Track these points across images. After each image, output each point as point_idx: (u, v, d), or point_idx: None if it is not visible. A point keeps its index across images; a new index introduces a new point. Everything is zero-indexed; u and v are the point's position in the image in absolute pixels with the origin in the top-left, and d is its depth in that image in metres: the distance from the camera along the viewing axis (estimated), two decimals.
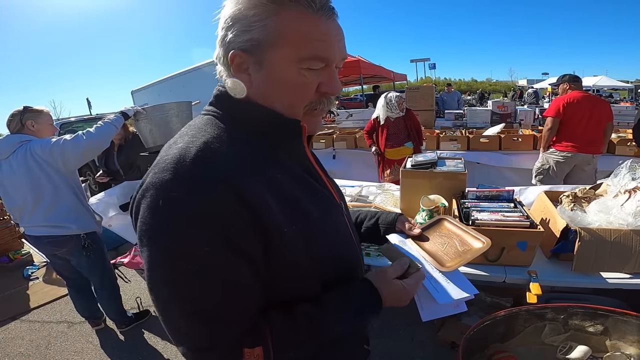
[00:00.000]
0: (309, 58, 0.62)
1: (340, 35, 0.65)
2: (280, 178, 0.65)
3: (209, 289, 0.58)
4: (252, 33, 0.60)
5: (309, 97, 0.67)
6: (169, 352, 2.42)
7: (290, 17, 0.59)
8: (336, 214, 0.78)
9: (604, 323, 1.18)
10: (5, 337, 2.81)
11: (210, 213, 0.55)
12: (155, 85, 10.89)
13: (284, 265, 0.65)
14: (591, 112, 3.43)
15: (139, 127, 2.42)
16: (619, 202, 1.52)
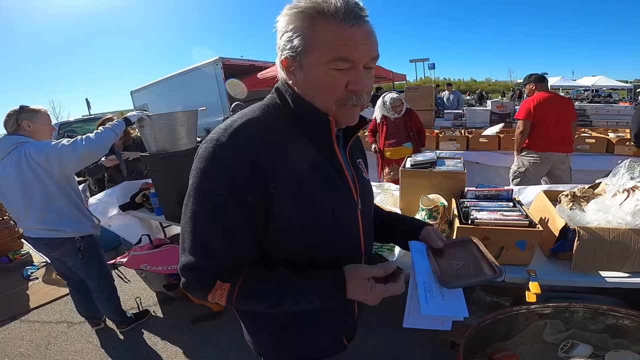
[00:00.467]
0: (334, 60, 0.73)
1: (367, 39, 0.75)
2: (298, 159, 0.79)
3: (211, 226, 0.77)
4: (293, 42, 0.75)
5: (338, 94, 0.78)
6: (169, 352, 2.42)
7: (319, 28, 0.72)
8: (345, 206, 0.89)
9: (605, 322, 1.18)
10: (5, 337, 2.81)
11: (228, 166, 0.74)
12: (154, 85, 10.88)
13: (278, 228, 0.81)
14: (559, 112, 3.51)
15: (142, 133, 2.41)
16: (618, 201, 1.52)
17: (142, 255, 2.56)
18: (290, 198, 0.78)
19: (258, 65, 9.00)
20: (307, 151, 0.82)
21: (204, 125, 8.89)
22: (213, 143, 0.76)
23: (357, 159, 0.99)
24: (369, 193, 1.02)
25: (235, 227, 0.77)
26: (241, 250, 0.79)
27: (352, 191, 0.90)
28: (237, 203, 0.75)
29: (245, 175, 0.74)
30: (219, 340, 2.47)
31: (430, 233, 1.00)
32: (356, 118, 0.85)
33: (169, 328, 2.68)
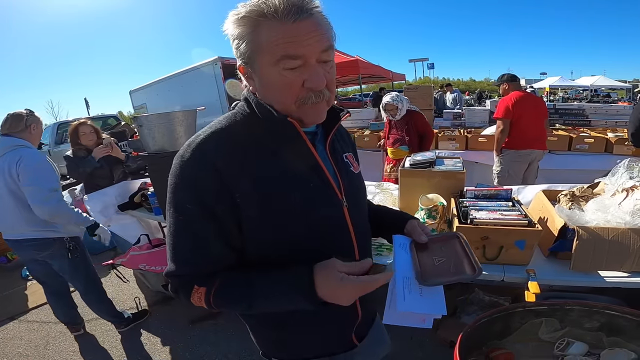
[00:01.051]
0: (282, 59, 0.71)
1: (313, 32, 0.72)
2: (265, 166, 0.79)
3: (185, 236, 0.80)
4: (241, 49, 0.75)
5: (296, 94, 0.75)
6: (168, 352, 2.42)
7: (262, 29, 0.71)
8: (327, 206, 0.86)
9: (600, 320, 1.18)
10: (4, 338, 2.81)
11: (193, 182, 0.77)
12: (153, 85, 10.87)
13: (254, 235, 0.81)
14: (535, 110, 3.63)
15: (141, 133, 2.41)
16: (617, 200, 1.52)
17: (141, 255, 2.55)
18: (257, 207, 0.78)
19: None
20: (275, 155, 0.81)
21: (202, 125, 8.84)
22: (178, 160, 0.79)
23: (343, 153, 0.96)
24: (359, 188, 0.99)
25: (207, 238, 0.79)
26: (216, 259, 0.81)
27: (334, 189, 0.87)
28: (206, 215, 0.77)
29: (209, 189, 0.76)
30: (218, 340, 2.47)
31: (415, 227, 0.97)
32: (322, 115, 0.82)
33: (168, 328, 2.68)
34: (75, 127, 3.19)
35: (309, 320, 0.93)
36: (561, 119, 5.62)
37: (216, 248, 0.80)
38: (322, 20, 0.74)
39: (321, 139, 0.90)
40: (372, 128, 5.56)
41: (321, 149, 0.89)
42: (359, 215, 0.95)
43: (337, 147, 0.95)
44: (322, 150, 0.89)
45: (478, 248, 1.53)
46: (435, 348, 2.17)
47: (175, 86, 9.81)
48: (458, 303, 2.28)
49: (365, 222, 1.03)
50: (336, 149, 0.94)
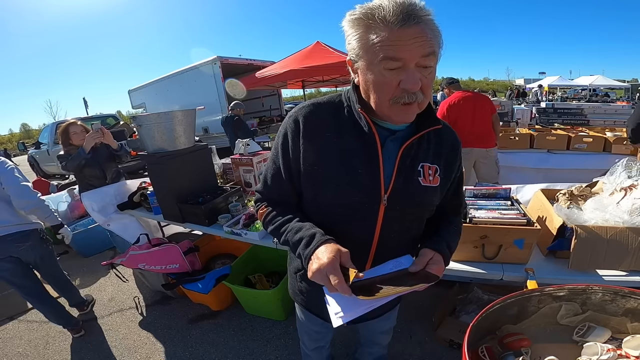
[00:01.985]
0: (383, 59, 0.80)
1: (417, 38, 0.78)
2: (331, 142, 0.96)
3: (271, 166, 1.07)
4: (352, 45, 0.86)
5: (391, 92, 0.85)
6: (168, 351, 2.42)
7: (371, 31, 0.81)
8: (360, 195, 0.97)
9: (625, 305, 1.14)
10: (4, 337, 2.81)
11: (285, 131, 1.02)
12: (152, 84, 10.86)
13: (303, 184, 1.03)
14: (474, 109, 3.73)
15: (140, 133, 2.41)
16: (615, 199, 1.53)
17: (140, 255, 2.55)
18: (309, 167, 0.98)
19: (256, 64, 9.00)
20: (343, 136, 0.97)
21: (202, 124, 8.89)
22: (288, 115, 1.03)
23: (422, 161, 1.00)
24: (417, 199, 1.01)
25: (281, 171, 1.04)
26: (282, 190, 1.07)
27: (380, 184, 0.96)
28: (285, 156, 1.02)
29: (292, 138, 0.99)
30: (218, 340, 2.47)
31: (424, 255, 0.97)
32: (411, 116, 0.90)
33: (167, 327, 2.67)
34: (65, 127, 3.20)
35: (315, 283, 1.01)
36: (560, 118, 5.64)
37: (284, 181, 1.05)
38: (430, 28, 0.81)
39: (399, 139, 0.98)
40: None
41: (392, 147, 0.97)
42: (399, 218, 1.01)
43: (417, 153, 0.99)
44: (394, 148, 0.97)
45: (477, 247, 1.54)
46: (435, 347, 2.17)
47: (175, 85, 9.81)
48: (457, 302, 2.29)
49: (407, 233, 1.07)
50: (413, 155, 0.99)
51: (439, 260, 0.97)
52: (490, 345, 1.12)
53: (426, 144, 1.01)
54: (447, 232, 1.10)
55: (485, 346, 1.10)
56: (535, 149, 4.30)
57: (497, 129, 3.93)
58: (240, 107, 6.13)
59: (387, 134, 0.97)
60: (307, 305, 1.28)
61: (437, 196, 1.05)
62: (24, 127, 64.02)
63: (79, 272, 3.80)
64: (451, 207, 1.17)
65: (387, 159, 0.96)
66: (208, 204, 2.35)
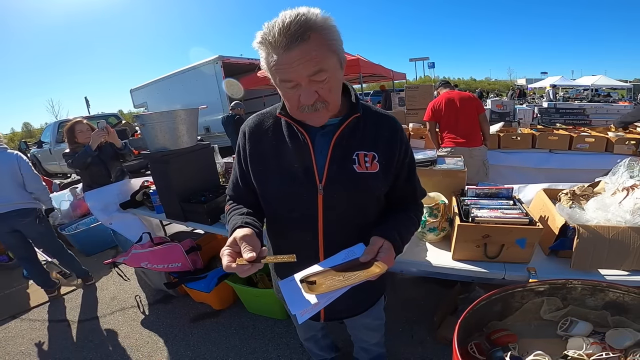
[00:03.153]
0: (280, 81, 0.91)
1: (302, 59, 0.84)
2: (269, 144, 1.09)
3: (233, 173, 1.24)
4: (262, 63, 0.93)
5: (296, 104, 0.94)
6: (169, 350, 2.43)
7: (267, 55, 0.88)
8: (298, 184, 1.06)
9: (604, 298, 1.16)
10: (6, 336, 2.82)
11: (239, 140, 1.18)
12: (154, 83, 10.87)
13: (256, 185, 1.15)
14: (457, 109, 3.81)
15: (143, 132, 2.42)
16: (617, 199, 1.53)
17: (142, 254, 2.56)
18: (252, 166, 1.12)
19: (257, 63, 8.90)
20: (280, 137, 1.08)
21: (203, 123, 8.90)
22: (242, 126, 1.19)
23: (357, 150, 1.06)
24: (353, 185, 1.06)
25: (238, 175, 1.20)
26: (240, 190, 1.22)
27: (315, 175, 1.05)
28: (240, 162, 1.17)
29: (241, 140, 1.16)
30: (220, 338, 2.48)
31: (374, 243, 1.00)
32: (320, 120, 0.99)
33: (169, 326, 2.68)
34: (71, 125, 3.26)
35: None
36: (562, 118, 5.63)
37: (240, 184, 1.20)
38: (317, 43, 0.85)
39: (330, 132, 1.05)
40: None
41: (323, 141, 1.05)
42: (340, 206, 1.08)
43: (351, 143, 1.06)
44: (325, 142, 1.05)
45: (479, 246, 1.54)
46: (436, 346, 2.17)
47: (176, 85, 9.82)
48: (459, 301, 2.29)
49: (351, 219, 1.11)
50: (345, 144, 1.05)
51: (388, 248, 0.99)
52: (479, 342, 1.14)
53: (360, 134, 1.07)
54: (398, 220, 1.13)
55: (474, 343, 1.11)
56: (537, 148, 4.28)
57: (485, 129, 3.91)
58: (241, 106, 6.15)
59: (317, 130, 1.05)
60: None
61: (379, 181, 1.08)
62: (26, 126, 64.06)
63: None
64: (406, 194, 1.21)
65: (319, 152, 1.05)
66: (210, 202, 2.35)
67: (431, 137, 4.08)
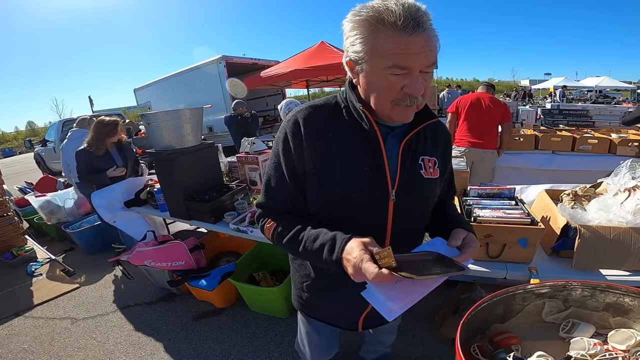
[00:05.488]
0: (391, 67, 0.80)
1: (424, 47, 0.79)
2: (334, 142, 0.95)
3: (274, 174, 1.03)
4: (356, 47, 0.83)
5: (394, 95, 0.85)
6: (172, 348, 2.44)
7: (379, 36, 0.79)
8: (369, 192, 0.97)
9: (605, 299, 1.16)
10: (9, 334, 2.84)
11: (286, 137, 0.98)
12: (158, 83, 10.91)
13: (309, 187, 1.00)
14: (483, 111, 3.84)
15: (149, 131, 2.44)
16: (619, 200, 1.53)
17: (147, 252, 2.58)
18: (314, 169, 0.96)
19: (260, 63, 9.03)
20: (345, 136, 0.96)
21: (206, 122, 8.93)
22: (285, 119, 1.02)
23: (422, 155, 1.02)
24: (421, 191, 1.03)
25: (286, 179, 1.00)
26: (289, 199, 1.02)
27: (387, 180, 0.96)
28: (288, 162, 0.98)
29: (294, 143, 0.96)
30: (222, 337, 2.49)
31: (457, 233, 0.98)
32: (410, 117, 0.91)
33: (172, 324, 2.70)
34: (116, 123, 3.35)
35: (325, 293, 1.14)
36: (565, 119, 5.61)
37: (291, 187, 1.00)
38: (433, 35, 0.81)
39: (400, 134, 0.99)
40: None
41: (393, 143, 0.98)
42: (409, 214, 1.03)
43: (417, 147, 1.02)
44: (395, 144, 0.98)
45: (481, 246, 1.55)
46: (437, 345, 2.18)
47: (180, 84, 9.86)
48: (460, 301, 2.29)
49: (415, 222, 1.09)
50: (414, 148, 1.01)
51: (473, 239, 1.00)
52: (482, 344, 1.14)
53: (423, 138, 1.03)
54: (460, 217, 1.14)
55: (477, 345, 1.12)
56: (539, 150, 4.28)
57: (505, 139, 3.93)
58: (242, 105, 6.16)
59: (387, 131, 0.98)
60: (316, 314, 1.27)
61: (438, 187, 1.09)
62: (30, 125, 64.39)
63: (84, 269, 3.83)
64: (448, 196, 1.24)
65: (390, 155, 0.97)
66: (214, 201, 2.37)
67: (449, 129, 4.04)
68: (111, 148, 3.38)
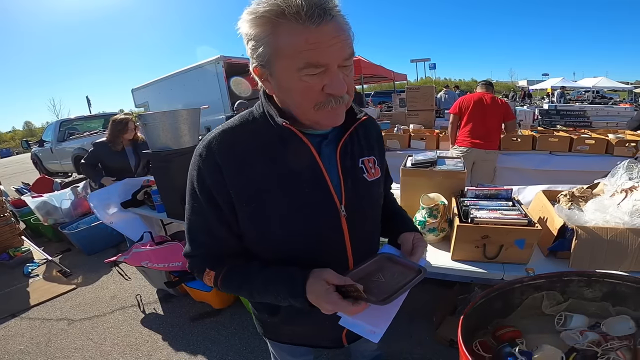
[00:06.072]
0: (304, 67, 0.69)
1: (336, 37, 0.69)
2: (260, 168, 0.81)
3: (197, 220, 0.87)
4: (259, 51, 0.72)
5: (315, 99, 0.74)
6: (169, 349, 2.43)
7: (283, 32, 0.67)
8: (320, 213, 0.86)
9: (602, 289, 1.16)
10: (5, 335, 2.82)
11: (202, 175, 0.82)
12: (156, 83, 10.87)
13: (246, 228, 0.86)
14: (485, 111, 3.87)
15: (146, 131, 2.43)
16: (616, 201, 1.54)
17: (143, 253, 2.57)
18: (247, 205, 0.82)
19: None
20: (274, 159, 0.82)
21: (204, 123, 8.89)
22: (195, 154, 0.85)
23: (360, 157, 0.93)
24: (369, 197, 0.95)
25: (213, 223, 0.85)
26: (221, 243, 0.88)
27: (333, 197, 0.86)
28: (212, 204, 0.83)
29: (212, 181, 0.81)
30: (219, 338, 2.49)
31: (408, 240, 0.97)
32: (340, 119, 0.81)
33: (169, 325, 2.69)
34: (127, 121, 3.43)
35: (296, 315, 0.97)
36: (562, 120, 5.63)
37: (220, 232, 0.86)
38: (344, 23, 0.71)
39: (333, 140, 0.88)
40: None
41: (328, 152, 0.87)
42: (362, 224, 0.94)
43: (354, 150, 0.92)
44: (331, 153, 0.87)
45: (478, 247, 1.55)
46: (435, 347, 2.18)
47: (178, 85, 9.82)
48: (458, 302, 2.29)
49: (372, 230, 1.03)
50: (351, 151, 0.91)
51: (420, 238, 0.98)
52: (484, 339, 1.14)
53: (357, 138, 0.94)
54: (404, 217, 1.13)
55: (479, 341, 1.12)
56: (537, 150, 4.29)
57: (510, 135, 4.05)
58: (244, 106, 6.15)
59: (319, 140, 0.86)
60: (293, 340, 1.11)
61: (382, 186, 1.03)
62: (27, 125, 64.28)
63: (81, 270, 3.82)
64: (388, 189, 1.18)
65: (329, 167, 0.86)
66: None
67: (451, 129, 4.12)
68: (127, 145, 3.52)
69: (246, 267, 0.88)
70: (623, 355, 1.01)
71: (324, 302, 0.75)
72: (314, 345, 1.12)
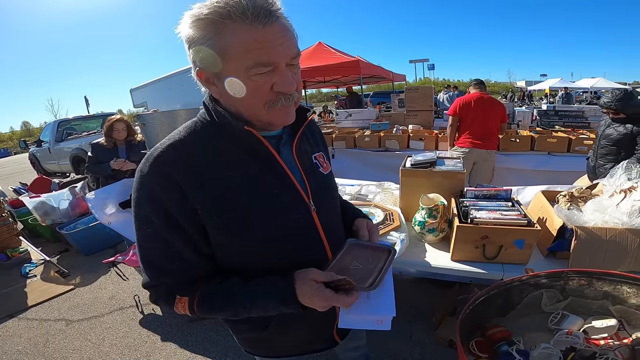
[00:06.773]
0: (253, 66, 0.69)
1: (283, 37, 0.70)
2: (220, 176, 0.78)
3: (156, 246, 0.79)
4: (204, 52, 0.70)
5: (264, 97, 0.74)
6: (168, 350, 2.43)
7: (229, 34, 0.67)
8: (292, 212, 0.86)
9: (602, 287, 1.16)
10: (3, 335, 2.81)
11: (155, 195, 0.75)
12: (154, 83, 10.82)
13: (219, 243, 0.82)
14: (485, 111, 3.90)
15: (145, 131, 2.43)
16: (615, 201, 1.54)
17: None
18: (217, 217, 0.78)
19: None
20: (235, 165, 0.80)
21: None
22: (139, 174, 0.77)
23: (312, 154, 0.97)
24: (329, 189, 1.00)
25: (175, 247, 0.78)
26: (189, 267, 0.82)
27: (301, 193, 0.87)
28: (172, 225, 0.76)
29: (170, 200, 0.75)
30: (218, 338, 2.48)
31: (363, 226, 1.02)
32: (291, 117, 0.81)
33: (168, 326, 2.68)
34: (111, 123, 3.57)
35: (289, 322, 0.95)
36: (561, 120, 5.63)
37: (187, 254, 0.80)
38: (288, 24, 0.73)
39: (287, 141, 0.90)
40: (373, 128, 5.56)
41: (286, 152, 0.88)
42: (329, 215, 0.96)
43: (306, 147, 0.96)
44: (288, 153, 0.88)
45: (478, 247, 1.55)
46: (434, 347, 2.18)
47: (176, 85, 9.77)
48: (457, 302, 2.29)
49: (338, 221, 1.06)
50: (304, 150, 0.94)
51: (370, 222, 1.05)
52: (482, 339, 1.14)
53: (305, 137, 0.96)
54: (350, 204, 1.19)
55: (476, 340, 1.12)
56: (536, 151, 4.30)
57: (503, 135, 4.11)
58: None
59: (275, 141, 0.87)
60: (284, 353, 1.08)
61: (334, 180, 1.08)
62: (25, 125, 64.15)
63: (79, 270, 3.81)
64: None
65: (290, 165, 0.87)
66: None
67: (450, 131, 4.14)
68: (120, 144, 3.60)
69: (224, 285, 0.83)
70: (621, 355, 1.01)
71: (319, 300, 0.75)
72: (309, 351, 1.10)
